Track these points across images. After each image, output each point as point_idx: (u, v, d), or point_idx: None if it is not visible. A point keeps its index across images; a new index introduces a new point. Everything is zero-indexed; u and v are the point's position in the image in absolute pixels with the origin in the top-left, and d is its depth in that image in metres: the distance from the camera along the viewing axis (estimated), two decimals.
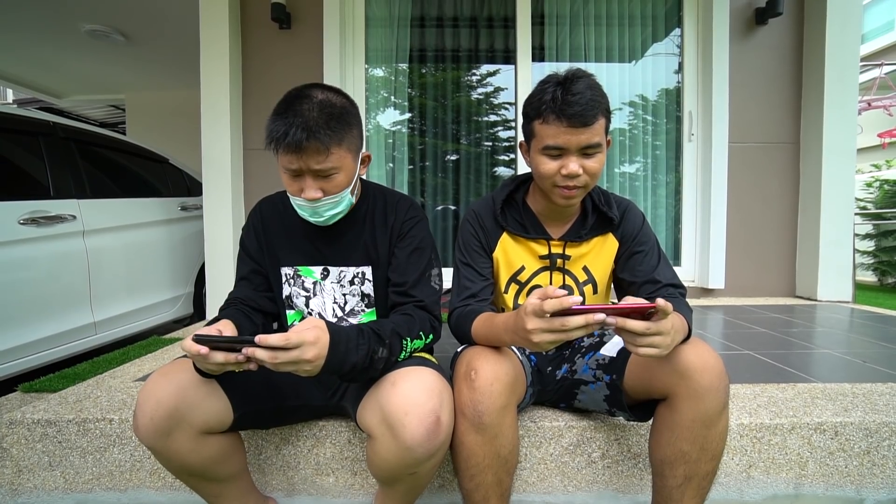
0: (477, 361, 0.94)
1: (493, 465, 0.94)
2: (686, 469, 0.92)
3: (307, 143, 0.93)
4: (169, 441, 0.89)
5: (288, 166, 0.98)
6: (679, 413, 0.91)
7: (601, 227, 1.17)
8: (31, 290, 2.04)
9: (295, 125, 0.92)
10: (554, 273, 1.18)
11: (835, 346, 1.93)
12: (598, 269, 1.19)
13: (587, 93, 0.97)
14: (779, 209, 3.14)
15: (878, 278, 6.46)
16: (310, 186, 0.99)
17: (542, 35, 3.25)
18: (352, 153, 1.02)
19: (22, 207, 2.02)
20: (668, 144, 3.30)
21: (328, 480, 1.24)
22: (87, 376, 1.69)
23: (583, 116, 0.97)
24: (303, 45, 2.99)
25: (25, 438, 1.24)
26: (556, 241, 1.17)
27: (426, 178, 3.39)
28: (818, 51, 2.94)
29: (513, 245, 1.19)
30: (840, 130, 2.93)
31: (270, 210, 1.18)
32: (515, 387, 0.98)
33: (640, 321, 0.77)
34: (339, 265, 1.14)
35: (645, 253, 1.15)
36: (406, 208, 1.16)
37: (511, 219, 1.19)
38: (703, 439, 0.90)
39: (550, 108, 0.99)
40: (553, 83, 1.01)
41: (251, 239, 1.18)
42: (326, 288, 1.15)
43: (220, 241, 2.84)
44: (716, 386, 0.88)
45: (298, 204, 1.03)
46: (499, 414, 0.91)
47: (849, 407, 1.28)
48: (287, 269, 1.15)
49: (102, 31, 3.99)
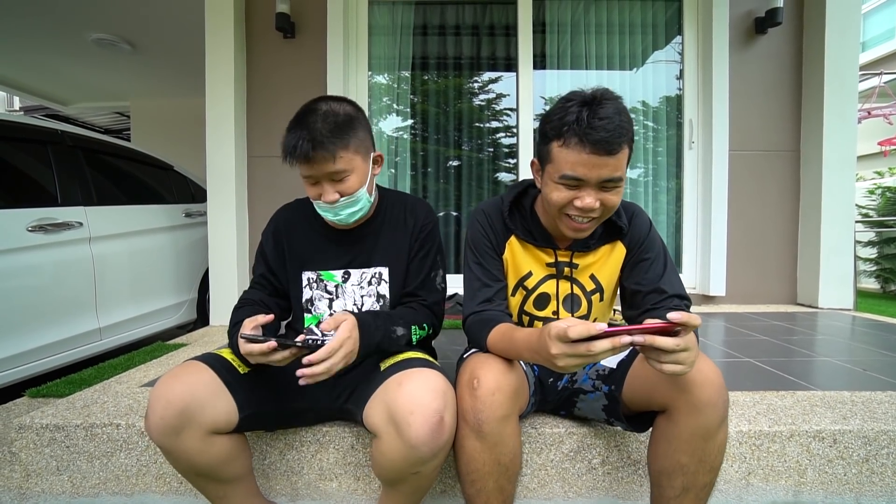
0: (480, 370, 0.94)
1: (494, 473, 0.95)
2: (684, 480, 0.93)
3: (314, 153, 1.02)
4: (178, 440, 0.92)
5: (304, 174, 1.08)
6: (678, 426, 0.91)
7: (610, 236, 1.14)
8: (39, 296, 2.06)
9: (302, 138, 1.02)
10: (561, 281, 1.16)
11: (835, 354, 1.94)
12: (605, 278, 1.16)
13: (616, 118, 0.89)
14: (779, 216, 3.15)
15: (880, 286, 6.45)
16: (327, 191, 1.07)
17: (543, 43, 3.28)
18: (360, 154, 1.09)
19: (30, 215, 2.05)
20: (668, 151, 3.32)
21: (331, 486, 1.25)
22: (94, 382, 1.71)
23: (608, 144, 0.89)
24: (307, 54, 3.02)
25: (34, 443, 1.26)
26: (563, 250, 1.14)
27: (428, 184, 3.42)
28: (818, 59, 2.96)
29: (520, 249, 1.16)
30: (840, 138, 2.94)
31: (291, 216, 1.25)
32: (518, 397, 0.98)
33: (671, 338, 0.75)
34: (361, 267, 1.21)
35: (651, 261, 1.11)
36: (424, 212, 1.25)
37: (519, 224, 1.16)
38: (701, 452, 0.91)
39: (574, 130, 0.90)
40: (578, 102, 0.92)
41: (270, 243, 1.24)
42: (347, 290, 1.21)
43: (223, 248, 2.86)
44: (715, 400, 0.88)
45: (320, 207, 1.12)
46: (499, 423, 0.92)
47: (848, 415, 1.29)
48: (309, 274, 1.21)
49: (109, 39, 4.04)
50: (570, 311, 1.16)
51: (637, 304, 1.12)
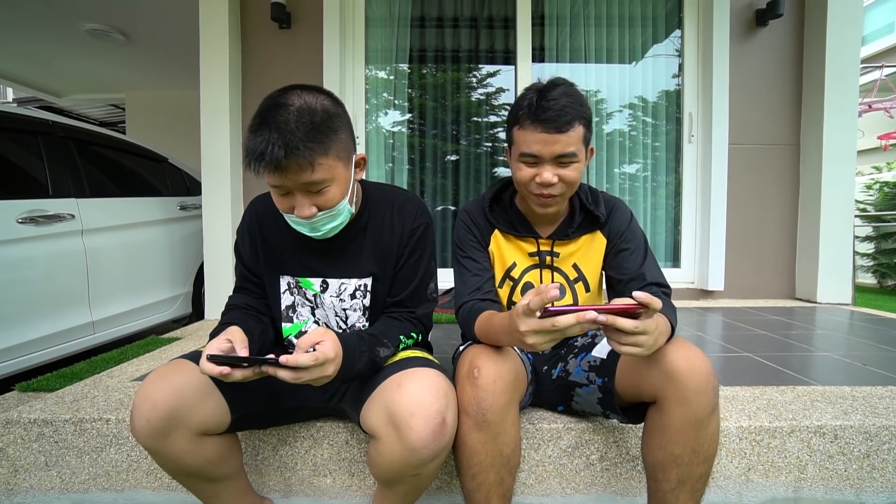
0: (479, 360, 0.95)
1: (496, 464, 0.94)
2: (679, 472, 0.92)
3: (287, 161, 0.83)
4: (166, 442, 0.88)
5: (272, 184, 0.90)
6: (668, 416, 0.91)
7: (589, 226, 1.20)
8: (30, 289, 2.03)
9: (272, 142, 0.82)
10: (544, 271, 1.21)
11: (834, 348, 1.93)
12: (588, 267, 1.21)
13: (562, 100, 1.00)
14: (779, 211, 3.14)
15: (877, 281, 6.46)
16: (301, 204, 0.91)
17: (542, 36, 3.25)
18: (342, 161, 0.92)
19: (20, 206, 2.02)
20: (667, 146, 3.30)
21: (325, 481, 1.23)
22: (85, 376, 1.68)
23: (555, 122, 0.99)
24: (303, 45, 2.98)
25: (22, 438, 1.23)
26: (544, 239, 1.20)
27: (426, 179, 3.39)
28: (818, 52, 2.94)
29: (504, 242, 1.22)
30: (840, 132, 2.92)
31: (265, 210, 1.09)
32: (517, 384, 0.99)
33: (629, 320, 0.77)
34: (340, 277, 1.08)
35: (631, 251, 1.16)
36: (414, 213, 1.10)
37: (501, 217, 1.22)
38: (694, 442, 0.90)
39: (526, 113, 1.02)
40: (533, 90, 1.04)
41: (245, 243, 1.12)
42: (326, 302, 1.10)
43: (218, 241, 2.83)
44: (704, 388, 0.87)
45: (293, 221, 0.96)
46: (502, 411, 0.92)
47: (848, 410, 1.27)
48: (288, 278, 1.10)
49: (102, 29, 3.99)
50: None
51: (619, 293, 1.16)
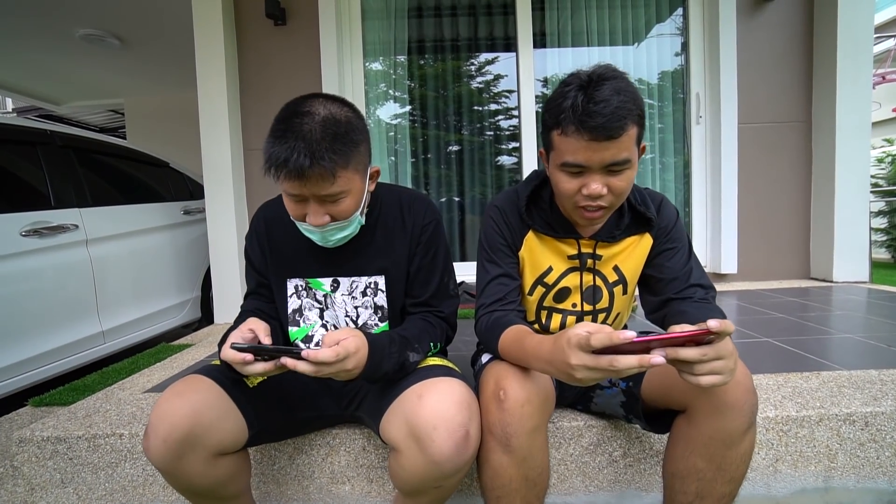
0: (506, 381, 0.87)
1: (522, 489, 0.88)
2: (699, 487, 0.86)
3: (310, 171, 0.84)
4: (180, 463, 0.85)
5: (290, 192, 0.90)
6: (697, 427, 0.85)
7: (637, 227, 1.07)
8: (38, 302, 2.02)
9: (297, 150, 0.83)
10: (584, 274, 1.08)
11: (855, 329, 1.88)
12: (629, 270, 1.09)
13: (613, 99, 0.82)
14: (791, 189, 3.06)
15: (892, 255, 6.36)
16: (315, 212, 0.91)
17: (542, 20, 3.18)
18: (360, 173, 0.94)
19: (23, 219, 2.00)
20: (674, 127, 3.23)
21: (344, 489, 1.21)
22: (97, 388, 1.67)
23: (607, 129, 0.82)
24: (299, 41, 2.93)
25: (36, 456, 1.22)
26: (586, 240, 1.06)
27: (429, 171, 3.35)
28: (830, 23, 2.84)
29: (539, 244, 1.08)
30: (854, 106, 2.83)
31: (274, 216, 1.10)
32: (546, 405, 0.91)
33: (694, 349, 0.68)
34: (351, 275, 1.07)
35: (676, 250, 1.06)
36: (423, 210, 1.09)
37: (538, 217, 1.08)
38: (720, 458, 0.84)
39: (569, 118, 0.84)
40: (575, 86, 0.85)
41: (254, 248, 1.12)
42: (337, 301, 1.08)
43: (224, 244, 2.81)
44: (740, 403, 0.81)
45: (304, 228, 0.97)
46: (529, 437, 0.85)
47: (878, 396, 1.23)
48: (297, 281, 1.09)
49: (97, 35, 3.94)
50: (590, 302, 1.09)
51: (659, 291, 1.06)
